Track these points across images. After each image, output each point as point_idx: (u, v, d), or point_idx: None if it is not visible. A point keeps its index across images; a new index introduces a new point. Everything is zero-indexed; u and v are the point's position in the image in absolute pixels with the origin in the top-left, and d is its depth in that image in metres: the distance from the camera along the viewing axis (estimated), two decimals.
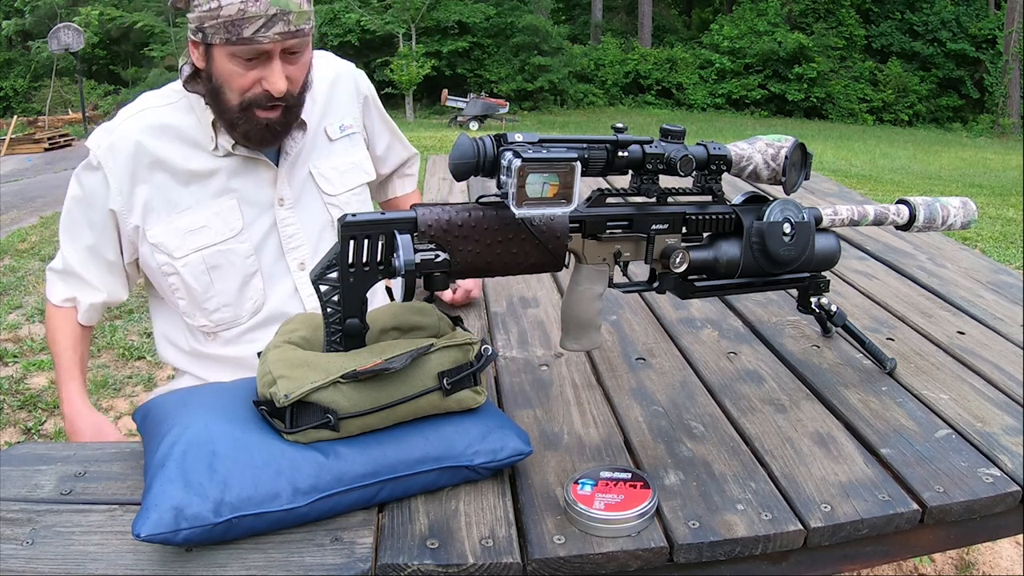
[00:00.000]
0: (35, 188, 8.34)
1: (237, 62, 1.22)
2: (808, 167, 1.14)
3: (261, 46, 1.20)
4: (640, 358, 1.33)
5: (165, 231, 1.32)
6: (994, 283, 1.70)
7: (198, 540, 0.82)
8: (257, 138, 1.30)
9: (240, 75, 1.23)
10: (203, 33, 1.21)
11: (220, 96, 1.26)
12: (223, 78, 1.24)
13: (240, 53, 1.21)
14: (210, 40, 1.21)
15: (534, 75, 21.91)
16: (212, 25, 1.19)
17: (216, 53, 1.22)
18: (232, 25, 1.18)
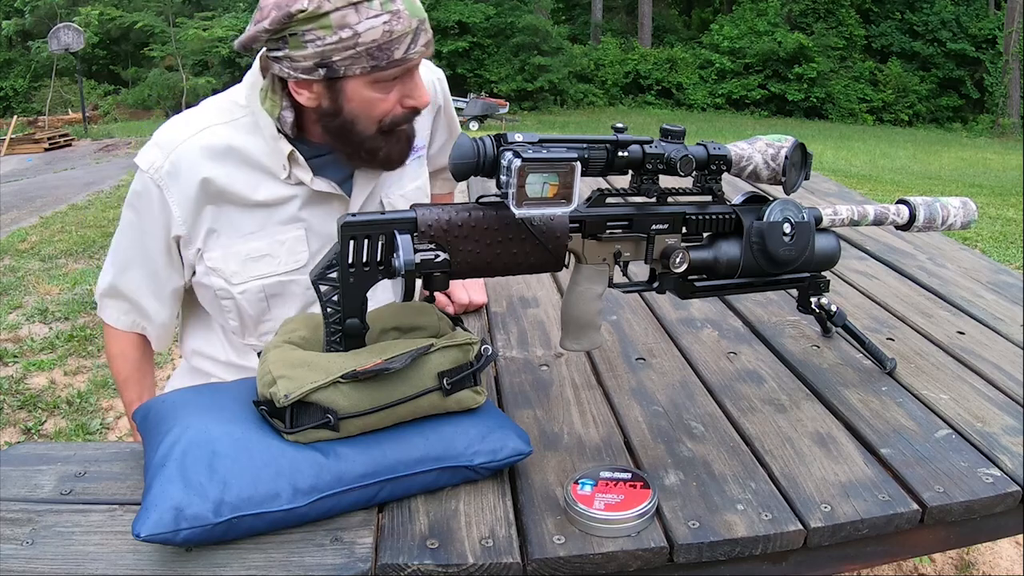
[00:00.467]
0: (35, 188, 8.34)
1: (379, 88, 1.10)
2: (808, 167, 1.14)
3: (411, 64, 1.09)
4: (640, 358, 1.33)
5: (225, 255, 1.21)
6: (994, 283, 1.70)
7: (198, 540, 0.82)
8: (398, 156, 1.19)
9: (382, 100, 1.11)
10: (328, 68, 1.06)
11: (352, 129, 1.13)
12: (359, 110, 1.11)
13: (386, 77, 1.09)
14: (343, 73, 1.07)
15: (534, 75, 21.91)
16: (348, 56, 1.05)
17: (349, 85, 1.09)
18: (379, 51, 1.05)
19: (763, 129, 17.88)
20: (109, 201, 6.93)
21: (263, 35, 1.06)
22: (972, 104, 23.71)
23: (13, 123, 14.50)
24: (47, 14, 19.48)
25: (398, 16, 1.05)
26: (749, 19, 24.25)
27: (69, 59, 17.05)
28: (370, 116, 1.12)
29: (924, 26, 24.05)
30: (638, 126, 10.87)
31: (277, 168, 1.18)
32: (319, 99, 1.11)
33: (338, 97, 1.10)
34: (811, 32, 23.56)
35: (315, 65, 1.06)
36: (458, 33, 21.90)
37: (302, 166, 1.19)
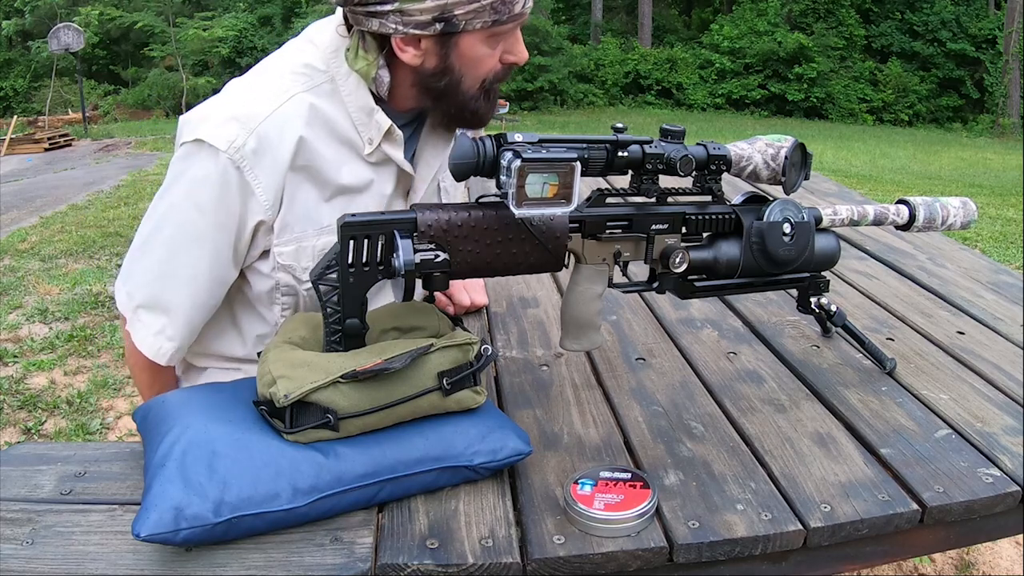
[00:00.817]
0: (35, 188, 8.34)
1: (491, 43, 1.07)
2: (808, 167, 1.14)
3: (525, 16, 1.07)
4: (640, 358, 1.33)
5: (298, 251, 1.11)
6: (994, 283, 1.70)
7: (198, 540, 0.82)
8: (490, 114, 1.15)
9: (490, 56, 1.08)
10: (447, 22, 1.02)
11: (458, 88, 1.09)
12: (468, 66, 1.07)
13: (502, 32, 1.06)
14: (464, 27, 1.02)
15: (534, 75, 21.91)
16: (472, 10, 1.01)
17: (464, 40, 1.04)
18: (501, 3, 1.02)
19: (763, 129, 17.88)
20: (109, 201, 6.93)
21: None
22: (972, 104, 23.70)
23: (13, 123, 14.50)
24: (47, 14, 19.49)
25: None
26: (749, 19, 24.25)
27: (69, 59, 17.06)
28: (476, 74, 1.08)
29: (924, 26, 24.05)
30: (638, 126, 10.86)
31: (361, 143, 1.11)
32: (424, 56, 1.05)
33: (449, 54, 1.05)
34: (811, 32, 23.56)
35: (433, 19, 1.01)
36: None
37: (397, 142, 1.13)
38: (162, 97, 19.16)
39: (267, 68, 1.13)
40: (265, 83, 1.09)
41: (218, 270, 1.10)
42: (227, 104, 1.07)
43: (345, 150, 1.11)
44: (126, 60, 21.41)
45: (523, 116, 19.52)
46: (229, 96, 1.09)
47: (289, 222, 1.09)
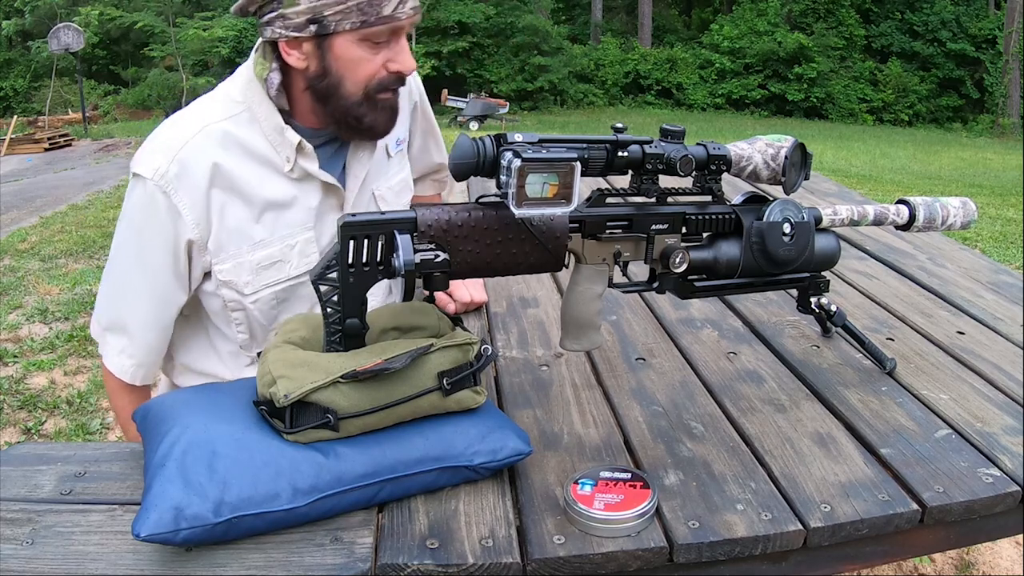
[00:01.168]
0: (35, 188, 8.34)
1: (366, 47, 1.12)
2: (808, 167, 1.14)
3: (398, 23, 1.11)
4: (640, 358, 1.33)
5: (236, 267, 1.19)
6: (994, 283, 1.70)
7: (198, 540, 0.82)
8: (382, 125, 1.19)
9: (368, 60, 1.12)
10: (319, 23, 1.08)
11: (337, 91, 1.14)
12: (346, 69, 1.12)
13: (373, 36, 1.11)
14: (334, 28, 1.09)
15: (534, 75, 21.91)
16: (340, 11, 1.08)
17: (338, 42, 1.10)
18: (368, 5, 1.08)
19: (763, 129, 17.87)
20: (109, 201, 6.93)
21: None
22: (972, 104, 23.71)
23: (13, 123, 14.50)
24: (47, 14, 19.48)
25: None
26: (749, 19, 24.25)
27: (69, 59, 17.06)
28: (356, 77, 1.13)
29: (924, 26, 24.05)
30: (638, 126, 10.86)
31: (280, 161, 1.18)
32: (308, 59, 1.12)
33: (326, 55, 1.12)
34: (811, 32, 23.56)
35: (307, 21, 1.09)
36: (458, 33, 21.89)
37: (309, 155, 1.19)
38: (162, 97, 19.14)
39: (196, 101, 1.23)
40: (186, 116, 1.19)
41: (160, 290, 1.19)
42: (155, 137, 1.18)
43: (266, 170, 1.18)
44: (126, 60, 21.40)
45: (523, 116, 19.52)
46: (158, 131, 1.19)
47: (223, 241, 1.17)
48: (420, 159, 1.52)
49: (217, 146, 1.15)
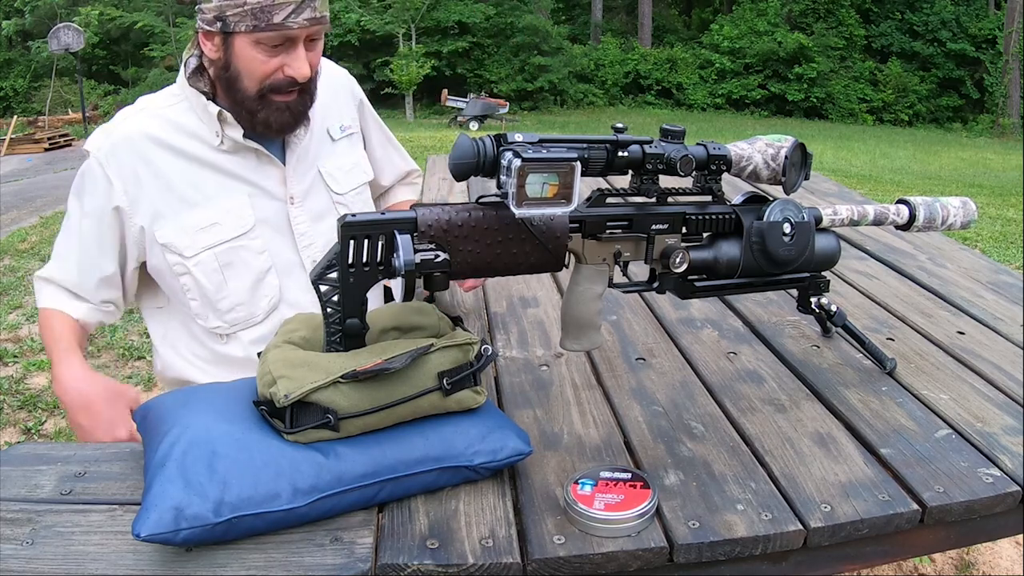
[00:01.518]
0: (35, 188, 8.34)
1: (261, 49, 1.22)
2: (808, 167, 1.14)
3: (290, 32, 1.21)
4: (640, 358, 1.33)
5: (175, 230, 1.30)
6: (994, 283, 1.70)
7: (198, 540, 0.82)
8: (277, 124, 1.30)
9: (263, 62, 1.23)
10: (223, 22, 1.21)
11: (236, 84, 1.26)
12: (243, 66, 1.24)
13: (266, 40, 1.21)
14: (233, 28, 1.20)
15: (534, 75, 21.91)
16: (237, 13, 1.19)
17: (237, 42, 1.22)
18: (261, 12, 1.19)
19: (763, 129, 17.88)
20: None
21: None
22: (972, 104, 23.71)
23: (13, 123, 14.50)
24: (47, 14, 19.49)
25: None
26: (749, 19, 24.25)
27: (69, 59, 17.06)
28: (252, 75, 1.24)
29: (924, 26, 24.05)
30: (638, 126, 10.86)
31: (211, 137, 1.31)
32: (217, 51, 1.25)
33: (229, 51, 1.23)
34: (811, 32, 23.56)
35: (214, 18, 1.21)
36: (458, 33, 21.90)
37: (231, 124, 1.30)
38: None
39: (148, 95, 1.38)
40: (135, 104, 1.36)
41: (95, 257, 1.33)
42: (105, 124, 1.34)
43: (197, 143, 1.32)
44: (126, 60, 21.40)
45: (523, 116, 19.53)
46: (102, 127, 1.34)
47: (159, 208, 1.30)
48: (387, 169, 1.66)
49: (152, 122, 1.31)
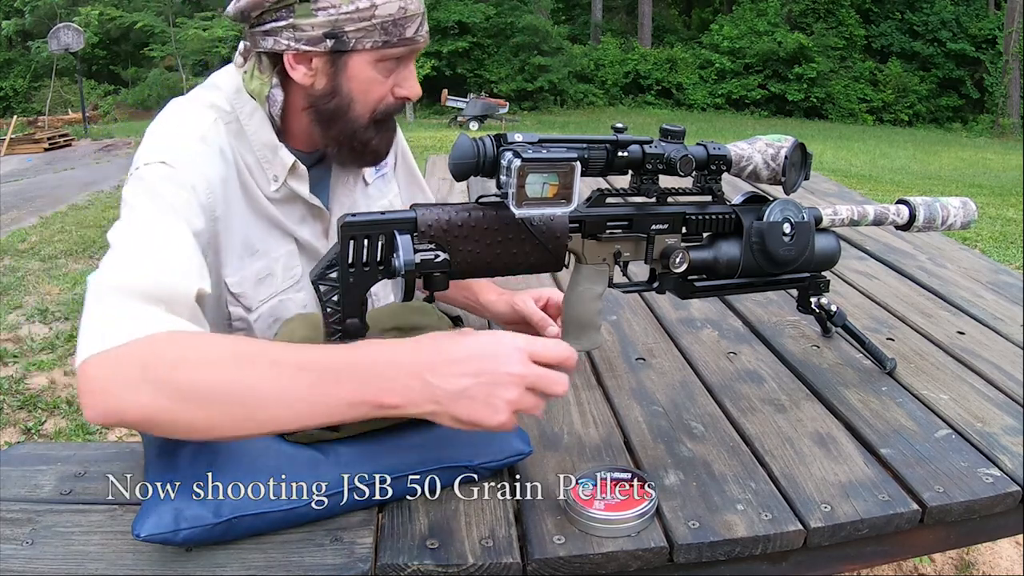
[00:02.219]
0: (35, 188, 8.34)
1: (382, 69, 1.06)
2: (808, 167, 1.14)
3: (416, 46, 1.07)
4: (640, 358, 1.33)
5: (242, 279, 1.10)
6: (994, 283, 1.70)
7: (198, 540, 0.82)
8: (386, 148, 1.14)
9: (380, 83, 1.06)
10: (337, 39, 1.02)
11: (346, 114, 1.07)
12: (359, 90, 1.06)
13: (391, 56, 1.05)
14: (354, 46, 1.02)
15: (534, 75, 21.91)
16: (362, 28, 1.01)
17: (353, 61, 1.04)
18: (393, 26, 1.03)
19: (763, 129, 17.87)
20: (109, 201, 6.93)
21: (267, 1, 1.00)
22: (972, 104, 23.70)
23: (13, 123, 14.49)
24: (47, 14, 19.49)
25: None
26: (749, 19, 24.24)
27: (69, 59, 17.05)
28: (366, 100, 1.07)
29: (924, 26, 24.04)
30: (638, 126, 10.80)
31: (266, 181, 1.10)
32: (316, 76, 1.05)
33: (339, 74, 1.05)
34: (811, 32, 23.55)
35: (324, 35, 1.01)
36: (458, 33, 21.89)
37: (301, 177, 1.12)
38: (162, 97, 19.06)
39: (178, 110, 1.09)
40: (181, 118, 1.07)
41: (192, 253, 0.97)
42: (156, 136, 1.04)
43: (251, 183, 1.09)
44: (126, 60, 21.40)
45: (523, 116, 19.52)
46: (157, 130, 1.05)
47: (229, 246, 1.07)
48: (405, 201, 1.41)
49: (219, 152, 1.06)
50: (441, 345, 0.79)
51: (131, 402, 0.74)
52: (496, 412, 0.77)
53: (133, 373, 0.75)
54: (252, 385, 0.75)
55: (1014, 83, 21.95)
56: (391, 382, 0.76)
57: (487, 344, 0.79)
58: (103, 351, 0.76)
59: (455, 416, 0.77)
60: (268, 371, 0.76)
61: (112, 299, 0.82)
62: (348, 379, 0.76)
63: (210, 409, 0.75)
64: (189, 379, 0.75)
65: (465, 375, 0.76)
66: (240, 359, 0.77)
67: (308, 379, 0.75)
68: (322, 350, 0.80)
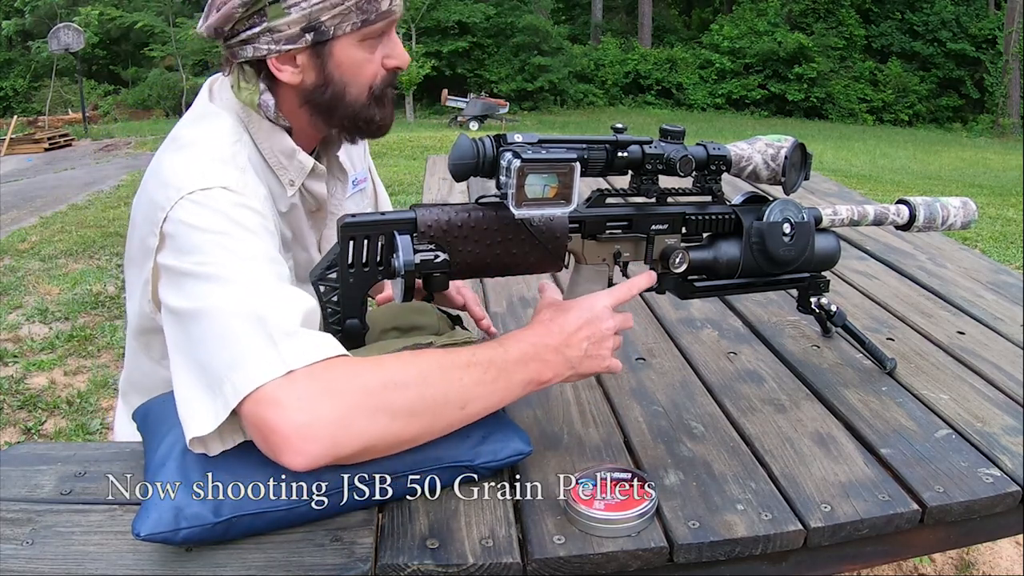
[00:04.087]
0: (35, 188, 8.34)
1: (367, 46, 1.05)
2: (808, 167, 1.14)
3: (394, 16, 1.05)
4: (640, 358, 1.33)
5: None
6: (994, 283, 1.70)
7: (198, 539, 0.82)
8: (390, 119, 1.13)
9: (369, 61, 1.06)
10: (316, 31, 1.01)
11: (342, 100, 1.06)
12: (350, 74, 1.05)
13: (374, 33, 1.04)
14: (333, 33, 1.01)
15: (534, 75, 21.92)
16: (337, 13, 1.00)
17: (338, 47, 1.03)
18: (367, 2, 1.01)
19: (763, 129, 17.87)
20: (109, 201, 6.93)
21: (238, 11, 0.99)
22: (972, 104, 23.70)
23: (13, 123, 14.50)
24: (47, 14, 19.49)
25: None
26: (749, 19, 24.25)
27: (69, 59, 17.06)
28: (360, 81, 1.06)
29: (924, 26, 24.04)
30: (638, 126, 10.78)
31: (281, 189, 1.10)
32: (303, 72, 1.04)
33: (326, 64, 1.04)
34: (811, 32, 23.55)
35: (302, 31, 1.00)
36: (458, 33, 21.90)
37: (320, 176, 1.13)
38: (162, 97, 19.16)
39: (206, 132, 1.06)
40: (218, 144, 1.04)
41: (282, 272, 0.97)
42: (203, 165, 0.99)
43: (272, 199, 1.09)
44: (126, 60, 21.40)
45: (523, 116, 19.53)
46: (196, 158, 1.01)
47: None
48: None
49: (254, 168, 1.06)
50: (561, 322, 0.95)
51: (358, 431, 0.81)
52: (605, 360, 0.97)
53: (353, 400, 0.81)
54: (461, 389, 0.87)
55: (1014, 83, 21.94)
56: (544, 363, 0.93)
57: (586, 310, 0.96)
58: (280, 378, 0.79)
59: (582, 373, 0.96)
60: (467, 374, 0.88)
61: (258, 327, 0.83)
62: (522, 367, 0.92)
63: (432, 417, 0.86)
64: (405, 398, 0.84)
65: (584, 340, 0.95)
66: (439, 370, 0.87)
67: (495, 373, 0.90)
68: (490, 347, 0.92)
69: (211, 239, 0.91)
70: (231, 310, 0.84)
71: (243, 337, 0.82)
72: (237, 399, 0.79)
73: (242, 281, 0.87)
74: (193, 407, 0.83)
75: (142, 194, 1.03)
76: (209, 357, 0.83)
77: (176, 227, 0.93)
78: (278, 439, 0.78)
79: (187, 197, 0.94)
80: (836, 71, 23.42)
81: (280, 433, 0.78)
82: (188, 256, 0.90)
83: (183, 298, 0.88)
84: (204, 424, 0.82)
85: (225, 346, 0.82)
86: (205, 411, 0.82)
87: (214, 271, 0.88)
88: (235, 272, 0.87)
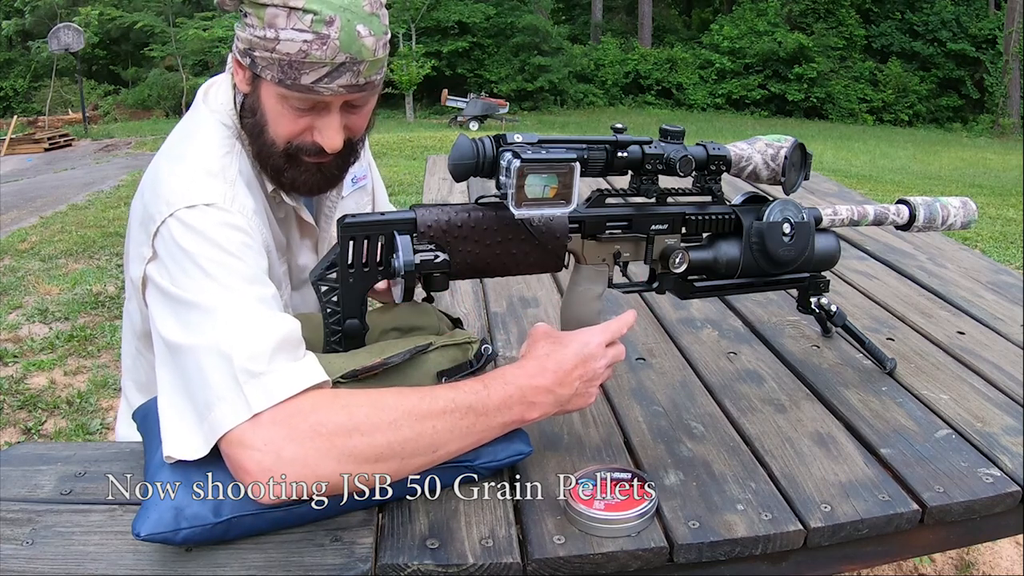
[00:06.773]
0: (35, 188, 8.34)
1: (288, 106, 1.00)
2: (808, 167, 1.14)
3: (320, 97, 0.99)
4: (640, 358, 1.33)
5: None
6: (994, 283, 1.70)
7: (198, 539, 0.82)
8: (306, 186, 1.08)
9: (290, 120, 1.01)
10: (251, 60, 0.99)
11: (263, 134, 1.04)
12: (270, 117, 1.02)
13: (292, 99, 0.99)
14: (259, 72, 0.99)
15: (534, 75, 21.91)
16: (264, 57, 0.97)
17: (264, 88, 1.01)
18: (289, 67, 0.96)
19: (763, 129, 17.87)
20: (109, 201, 6.93)
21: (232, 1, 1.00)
22: (972, 104, 23.69)
23: (13, 123, 14.50)
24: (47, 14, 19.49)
25: (324, 42, 0.95)
26: (749, 19, 24.24)
27: (69, 59, 17.06)
28: (276, 130, 1.03)
29: (924, 26, 24.04)
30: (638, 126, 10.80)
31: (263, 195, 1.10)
32: (246, 85, 1.04)
33: (255, 94, 1.03)
34: (811, 32, 23.54)
35: (245, 50, 1.00)
36: (458, 33, 21.89)
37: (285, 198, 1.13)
38: (162, 97, 19.16)
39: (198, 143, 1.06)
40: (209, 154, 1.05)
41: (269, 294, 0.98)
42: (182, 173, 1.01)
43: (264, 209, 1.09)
44: (126, 60, 21.40)
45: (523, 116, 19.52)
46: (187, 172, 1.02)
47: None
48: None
49: (246, 181, 1.06)
50: (556, 360, 0.93)
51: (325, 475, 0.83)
52: (592, 397, 0.97)
53: (316, 445, 0.82)
54: (433, 436, 0.87)
55: (1014, 83, 21.94)
56: (530, 404, 0.92)
57: (581, 348, 0.95)
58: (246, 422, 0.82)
59: (568, 411, 0.97)
60: (442, 421, 0.87)
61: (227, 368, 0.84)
62: (504, 411, 0.91)
63: (400, 462, 0.86)
64: (372, 444, 0.84)
65: (576, 380, 0.94)
66: (411, 418, 0.86)
67: (472, 419, 0.89)
68: (473, 389, 0.90)
69: (193, 266, 0.92)
70: (206, 345, 0.86)
71: (213, 376, 0.84)
72: (215, 437, 0.83)
73: (220, 312, 0.88)
74: (178, 428, 0.86)
75: (140, 198, 1.04)
76: (192, 390, 0.86)
77: (165, 245, 0.95)
78: (248, 479, 0.82)
79: (176, 215, 0.95)
80: (836, 71, 23.41)
81: (250, 473, 0.81)
82: (173, 279, 0.93)
83: (168, 323, 0.91)
84: (195, 450, 0.85)
85: (203, 386, 0.85)
86: (192, 437, 0.85)
87: (194, 298, 0.90)
88: (213, 301, 0.89)
